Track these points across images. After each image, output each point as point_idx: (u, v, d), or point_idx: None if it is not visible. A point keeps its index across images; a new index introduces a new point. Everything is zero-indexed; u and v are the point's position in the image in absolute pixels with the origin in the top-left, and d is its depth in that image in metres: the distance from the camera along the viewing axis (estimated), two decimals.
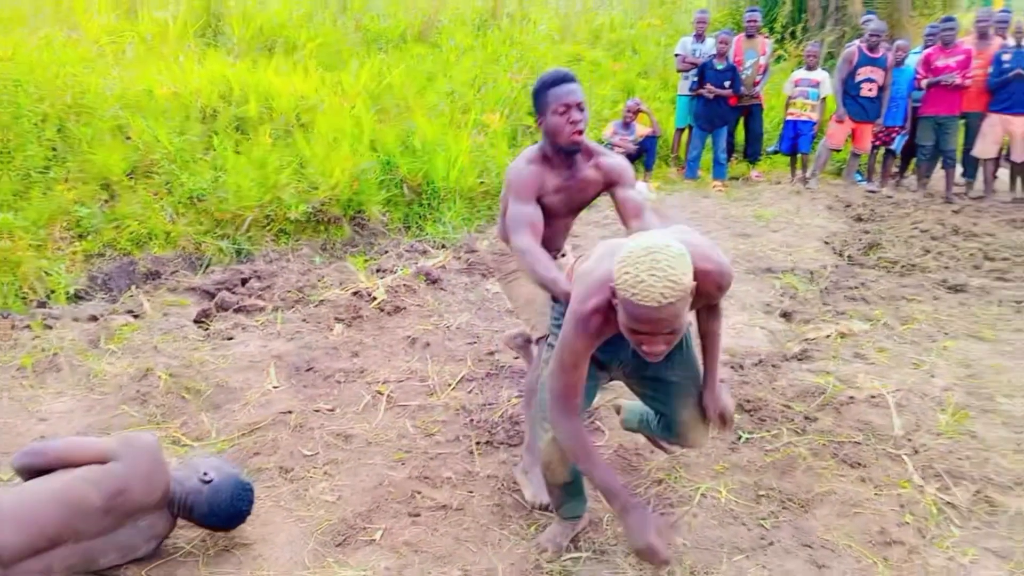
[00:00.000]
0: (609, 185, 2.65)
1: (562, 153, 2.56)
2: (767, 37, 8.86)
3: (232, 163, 5.20)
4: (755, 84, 7.98)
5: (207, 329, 3.90)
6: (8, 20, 6.09)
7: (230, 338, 3.79)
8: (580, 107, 2.48)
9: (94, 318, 3.81)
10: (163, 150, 5.15)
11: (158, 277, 4.44)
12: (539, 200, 2.56)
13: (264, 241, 5.04)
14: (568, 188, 2.64)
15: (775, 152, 8.97)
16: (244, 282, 4.47)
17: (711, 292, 1.98)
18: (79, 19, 7.31)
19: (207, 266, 4.69)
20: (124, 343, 3.55)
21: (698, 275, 1.80)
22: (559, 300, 2.32)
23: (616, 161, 2.68)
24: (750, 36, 8.01)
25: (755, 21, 8.02)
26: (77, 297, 4.12)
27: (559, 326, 2.19)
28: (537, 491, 2.60)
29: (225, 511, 2.25)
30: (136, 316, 3.92)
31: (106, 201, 4.79)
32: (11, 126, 4.64)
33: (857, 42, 7.90)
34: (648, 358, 1.88)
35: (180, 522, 2.30)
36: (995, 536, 2.47)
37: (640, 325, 1.77)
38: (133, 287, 4.30)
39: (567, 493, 2.36)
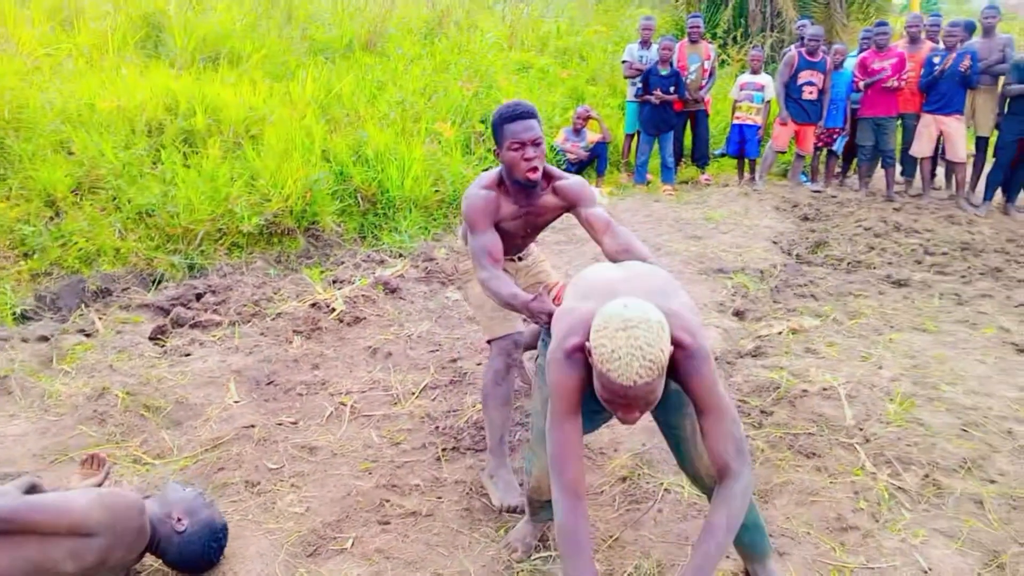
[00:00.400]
0: (570, 207, 2.67)
1: (519, 185, 2.57)
2: (710, 43, 9.07)
3: (181, 177, 5.12)
4: (700, 88, 8.17)
5: (163, 346, 3.83)
6: None
7: (187, 354, 3.74)
8: (536, 143, 2.48)
9: (44, 338, 3.72)
10: (109, 165, 5.04)
11: (109, 295, 4.34)
12: (496, 224, 2.58)
13: (217, 255, 4.96)
14: (525, 215, 2.67)
15: (722, 155, 9.19)
16: (199, 297, 4.40)
17: (679, 361, 1.84)
18: (11, 31, 7.10)
19: (159, 282, 4.60)
20: (78, 363, 3.47)
21: (673, 342, 1.79)
22: (542, 328, 2.31)
23: (573, 182, 2.69)
24: (693, 42, 8.19)
25: (698, 27, 8.21)
26: (24, 317, 4.00)
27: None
28: (504, 495, 2.63)
29: (195, 561, 2.20)
30: (88, 335, 3.83)
31: (51, 218, 4.66)
32: None
33: (795, 47, 8.16)
34: (623, 423, 1.86)
35: None
36: (943, 517, 2.59)
37: (614, 398, 1.76)
38: (83, 305, 4.19)
39: (547, 506, 2.29)
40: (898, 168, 8.28)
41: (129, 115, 5.55)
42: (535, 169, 2.50)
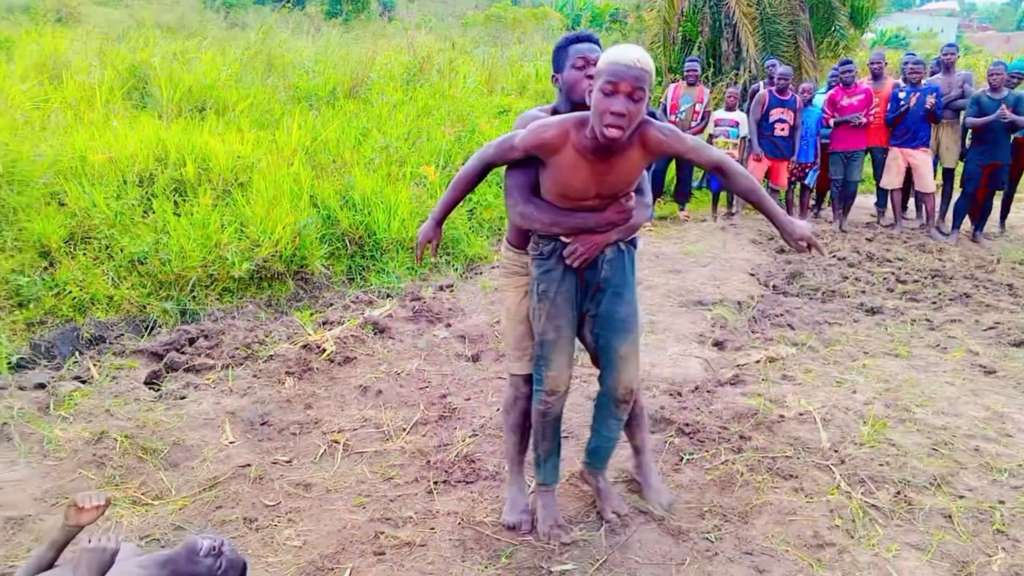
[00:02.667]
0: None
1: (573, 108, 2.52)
2: (706, 85, 9.36)
3: (173, 225, 5.23)
4: (689, 128, 8.43)
5: (159, 390, 3.92)
6: None
7: (183, 397, 3.82)
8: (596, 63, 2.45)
9: (41, 385, 3.79)
10: (101, 215, 5.15)
11: (103, 342, 4.42)
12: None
13: (209, 300, 5.06)
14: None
15: (699, 187, 9.46)
16: (192, 342, 4.49)
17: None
18: (1, 86, 7.26)
19: (153, 328, 4.68)
20: (75, 408, 3.54)
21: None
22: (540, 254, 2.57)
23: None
24: (691, 84, 8.52)
25: (694, 70, 8.55)
26: (20, 366, 4.07)
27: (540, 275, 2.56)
28: (505, 513, 2.83)
29: None
30: (84, 382, 3.90)
31: (45, 268, 4.75)
32: None
33: (763, 84, 8.49)
34: (608, 129, 2.16)
35: None
36: (914, 531, 2.72)
37: (615, 78, 2.13)
38: (78, 353, 4.27)
39: (552, 452, 2.75)
40: (871, 199, 8.57)
41: (120, 166, 5.69)
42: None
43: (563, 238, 2.49)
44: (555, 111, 2.56)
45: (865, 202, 9.54)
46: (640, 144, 2.33)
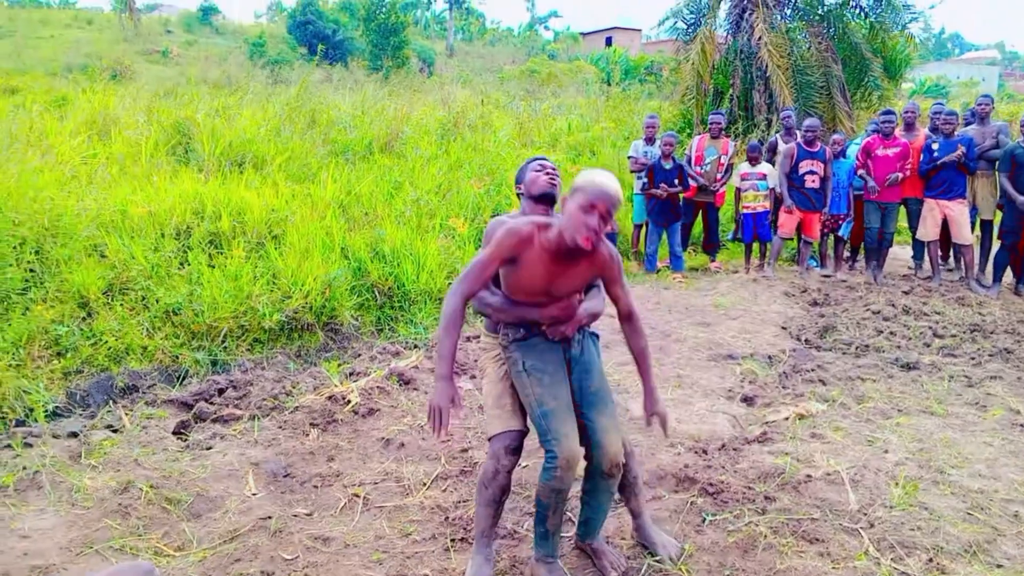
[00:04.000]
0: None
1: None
2: (730, 138, 9.41)
3: (207, 277, 5.38)
4: (716, 181, 8.46)
5: (186, 440, 3.98)
6: None
7: (209, 448, 3.87)
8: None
9: (74, 434, 3.88)
10: (139, 267, 5.32)
11: (136, 391, 4.52)
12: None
13: (239, 351, 5.16)
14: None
15: (733, 240, 9.43)
16: (221, 392, 4.57)
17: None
18: (52, 143, 7.60)
19: (184, 378, 4.78)
20: (105, 457, 3.61)
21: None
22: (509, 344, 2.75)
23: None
24: (714, 137, 8.57)
25: (718, 123, 8.59)
26: (56, 414, 4.18)
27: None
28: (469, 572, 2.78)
29: None
30: (115, 430, 3.99)
31: (83, 319, 4.90)
32: None
33: (778, 137, 8.54)
34: (584, 240, 2.41)
35: None
36: None
37: (596, 200, 2.41)
38: (111, 402, 4.37)
39: (561, 524, 2.76)
40: (907, 251, 8.44)
41: (159, 219, 5.88)
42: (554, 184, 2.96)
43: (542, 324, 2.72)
44: (523, 214, 2.93)
45: (901, 254, 9.41)
46: (592, 256, 2.60)
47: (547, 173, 2.91)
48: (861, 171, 8.03)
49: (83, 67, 18.92)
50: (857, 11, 12.83)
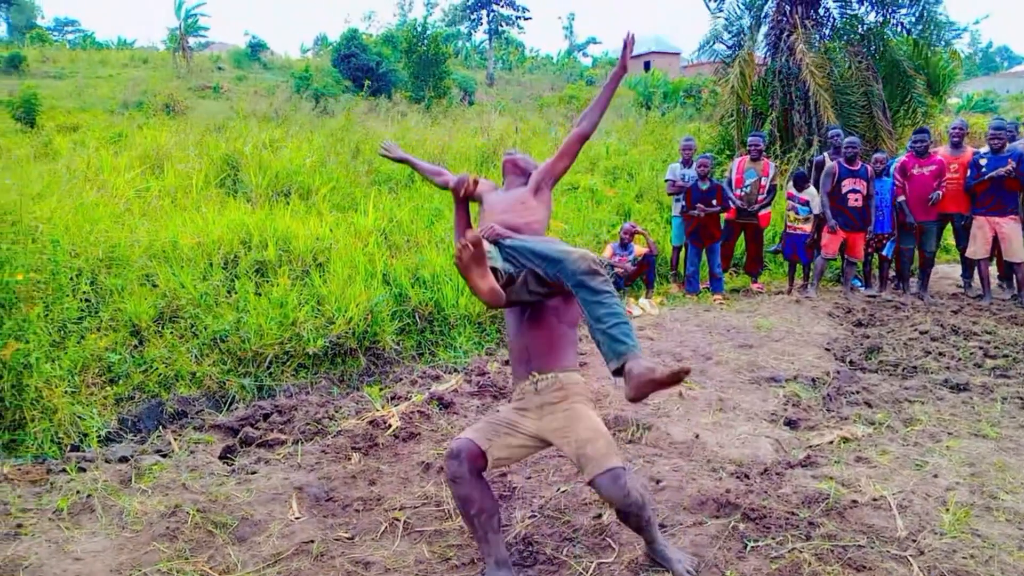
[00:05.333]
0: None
1: None
2: (770, 159, 9.31)
3: (253, 304, 5.52)
4: (757, 203, 8.35)
5: (232, 464, 4.07)
6: (46, 187, 6.62)
7: (254, 472, 3.95)
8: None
9: (125, 459, 4.00)
10: (188, 296, 5.48)
11: (184, 416, 4.65)
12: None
13: (284, 376, 5.27)
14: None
15: (775, 251, 9.31)
16: (266, 417, 4.67)
17: None
18: (108, 177, 7.92)
19: (231, 403, 4.90)
20: (154, 481, 3.72)
21: None
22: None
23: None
24: (754, 159, 8.47)
25: (757, 145, 8.48)
26: (108, 439, 4.32)
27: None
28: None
29: None
30: (164, 455, 4.10)
31: (135, 346, 5.07)
32: (49, 282, 4.99)
33: (826, 154, 8.42)
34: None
35: None
36: None
37: None
38: (161, 427, 4.50)
39: None
40: (957, 270, 8.25)
41: (207, 249, 6.07)
42: None
43: None
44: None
45: (951, 273, 9.19)
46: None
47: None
48: (901, 198, 7.92)
49: (138, 104, 19.65)
50: (898, 28, 12.66)
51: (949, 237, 8.90)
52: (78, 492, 3.56)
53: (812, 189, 8.41)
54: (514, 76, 44.24)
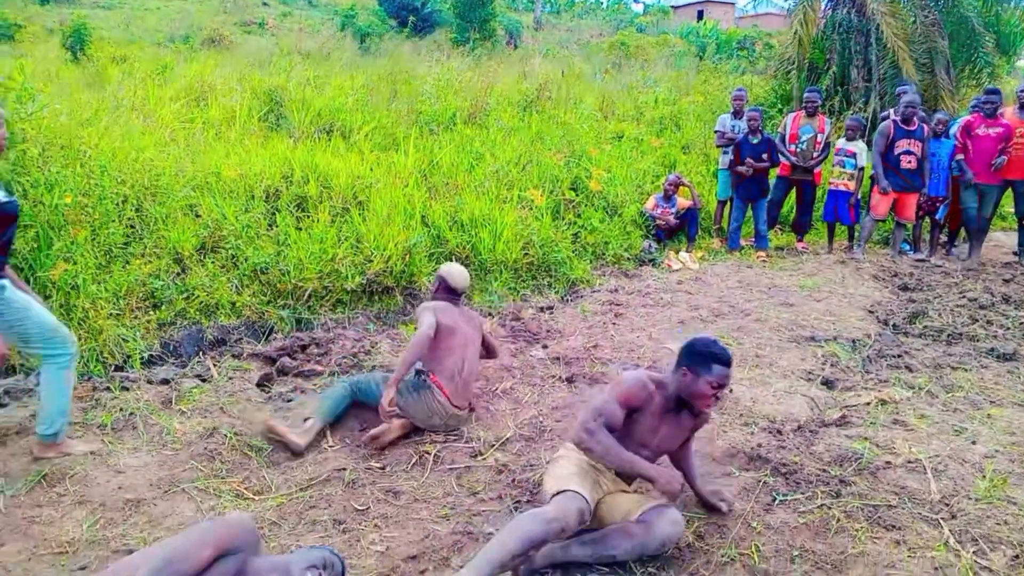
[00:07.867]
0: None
1: (680, 404, 2.88)
2: (826, 115, 8.96)
3: (293, 239, 5.57)
4: (812, 159, 8.09)
5: (268, 392, 4.16)
6: (94, 114, 6.68)
7: (289, 400, 4.04)
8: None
9: (166, 381, 4.11)
10: (230, 227, 5.54)
11: (224, 344, 4.75)
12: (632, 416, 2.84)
13: (322, 311, 5.33)
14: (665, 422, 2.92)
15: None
16: (303, 348, 4.74)
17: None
18: (154, 108, 7.96)
19: (269, 334, 4.98)
20: (193, 404, 3.82)
21: None
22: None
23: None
24: (810, 114, 8.16)
25: (813, 101, 8.15)
26: (151, 362, 4.44)
27: None
28: None
29: None
30: (204, 380, 4.20)
31: (178, 274, 5.15)
32: (96, 207, 5.08)
33: (891, 113, 8.06)
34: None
35: None
36: None
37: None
38: (201, 353, 4.61)
39: None
40: (1013, 237, 7.96)
41: (249, 182, 6.11)
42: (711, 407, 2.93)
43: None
44: (660, 384, 2.88)
45: (1005, 240, 8.88)
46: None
47: (715, 399, 2.82)
48: (959, 156, 7.59)
49: (184, 37, 19.67)
50: None
51: (1007, 204, 8.56)
52: (121, 410, 3.67)
53: (861, 143, 8.12)
54: (562, 21, 43.24)
